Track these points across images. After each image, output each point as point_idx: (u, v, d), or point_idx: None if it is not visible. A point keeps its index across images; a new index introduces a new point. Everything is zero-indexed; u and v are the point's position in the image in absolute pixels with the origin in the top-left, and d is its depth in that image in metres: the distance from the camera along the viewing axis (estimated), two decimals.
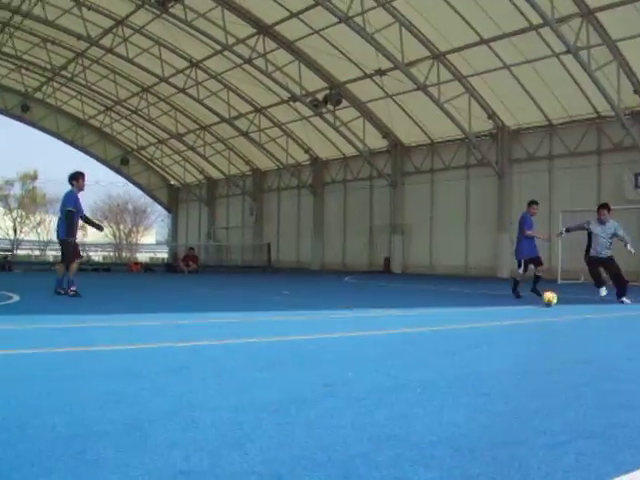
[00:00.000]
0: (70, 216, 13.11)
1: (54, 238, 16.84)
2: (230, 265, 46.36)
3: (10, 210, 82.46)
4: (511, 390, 4.35)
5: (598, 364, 5.75)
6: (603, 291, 13.77)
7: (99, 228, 16.11)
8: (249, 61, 32.77)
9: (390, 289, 20.26)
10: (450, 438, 3.12)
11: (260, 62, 32.71)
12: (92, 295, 13.38)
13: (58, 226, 13.43)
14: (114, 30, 33.90)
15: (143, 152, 53.08)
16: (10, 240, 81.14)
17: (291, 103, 35.98)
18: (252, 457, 2.77)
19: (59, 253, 14.88)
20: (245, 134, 41.01)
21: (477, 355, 6.18)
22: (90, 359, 5.48)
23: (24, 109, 46.70)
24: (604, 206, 14.36)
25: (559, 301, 12.05)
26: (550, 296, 11.84)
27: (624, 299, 13.59)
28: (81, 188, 13.46)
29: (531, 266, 15.02)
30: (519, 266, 14.99)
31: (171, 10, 29.91)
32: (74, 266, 13.12)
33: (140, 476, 2.53)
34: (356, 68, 31.40)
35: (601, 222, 14.03)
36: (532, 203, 15.38)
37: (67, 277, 13.07)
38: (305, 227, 43.71)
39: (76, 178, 13.35)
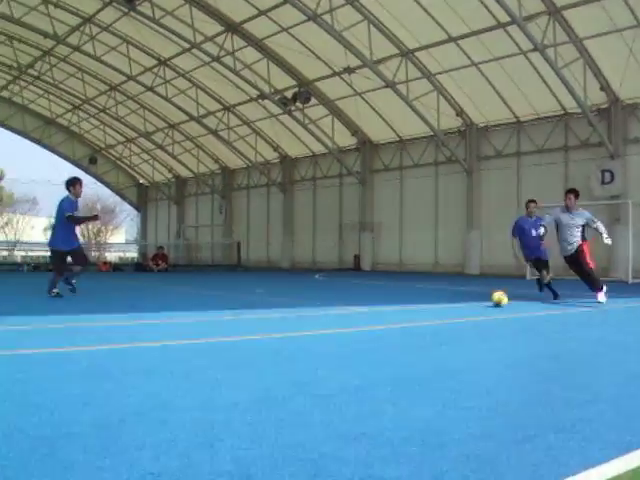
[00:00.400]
0: (72, 221, 12.68)
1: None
2: (200, 264, 46.19)
3: None
4: (480, 386, 4.37)
5: (565, 359, 5.80)
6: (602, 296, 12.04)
7: (94, 218, 16.15)
8: (217, 59, 32.61)
9: (359, 286, 20.28)
10: (419, 434, 3.14)
11: (228, 60, 32.56)
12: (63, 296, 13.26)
13: (55, 235, 12.84)
14: (81, 28, 33.50)
15: (111, 151, 52.62)
16: None
17: (260, 101, 35.85)
18: (222, 457, 2.77)
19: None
20: (214, 132, 40.80)
21: (446, 352, 6.21)
22: (59, 360, 5.43)
23: None
24: (571, 191, 12.84)
25: (510, 300, 11.43)
26: (499, 296, 11.25)
27: (599, 296, 12.02)
28: (78, 195, 12.88)
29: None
30: (530, 266, 14.57)
31: (139, 8, 29.66)
32: (66, 272, 12.77)
33: (109, 478, 2.52)
34: (325, 66, 31.38)
35: (567, 209, 12.58)
36: (528, 202, 13.92)
37: (52, 278, 12.74)
38: (275, 225, 43.62)
39: (73, 184, 12.78)
